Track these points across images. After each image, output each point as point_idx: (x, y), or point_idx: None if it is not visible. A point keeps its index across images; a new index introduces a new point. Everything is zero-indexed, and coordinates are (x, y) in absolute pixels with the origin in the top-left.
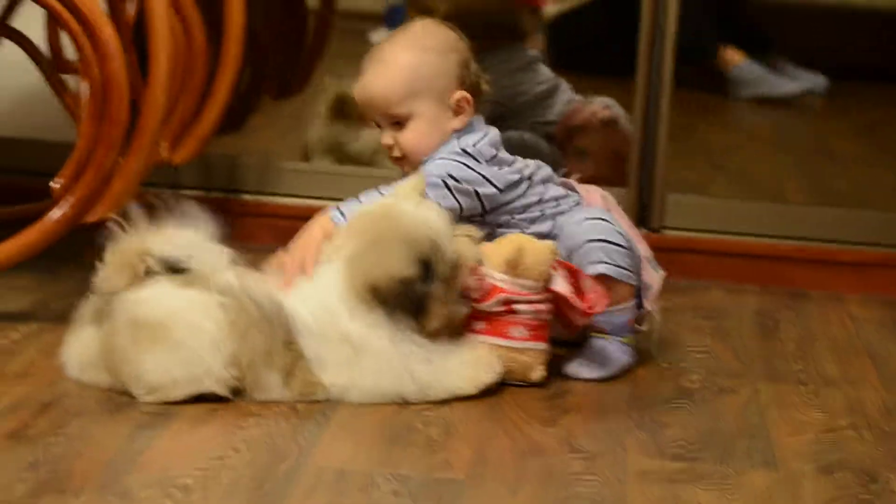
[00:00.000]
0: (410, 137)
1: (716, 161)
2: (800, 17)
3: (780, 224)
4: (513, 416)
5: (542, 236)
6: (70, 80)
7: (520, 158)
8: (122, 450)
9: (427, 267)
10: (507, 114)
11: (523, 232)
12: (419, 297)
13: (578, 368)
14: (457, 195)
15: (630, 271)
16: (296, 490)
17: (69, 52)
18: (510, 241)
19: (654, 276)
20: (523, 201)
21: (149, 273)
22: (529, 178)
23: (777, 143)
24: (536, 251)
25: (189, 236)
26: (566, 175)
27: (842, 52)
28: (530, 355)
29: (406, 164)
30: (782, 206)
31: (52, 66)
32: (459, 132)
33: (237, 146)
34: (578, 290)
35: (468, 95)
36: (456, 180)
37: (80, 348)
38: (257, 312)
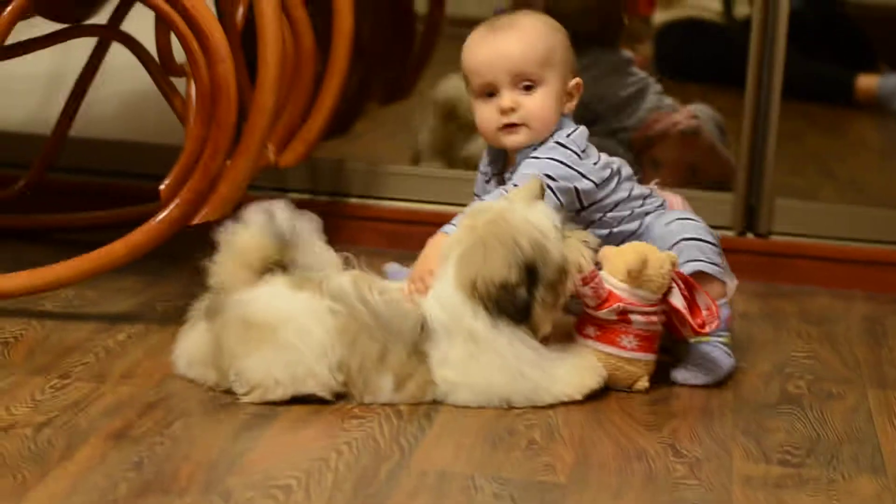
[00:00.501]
0: (539, 102)
1: (826, 168)
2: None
3: (889, 230)
4: (616, 421)
5: (630, 235)
6: (179, 83)
7: (605, 154)
8: (225, 450)
9: (531, 272)
10: (591, 118)
11: (612, 231)
12: (522, 302)
13: (686, 374)
14: (558, 194)
15: (722, 268)
16: (397, 492)
17: (178, 54)
18: (633, 250)
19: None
20: (614, 197)
21: (264, 272)
22: (618, 172)
23: (888, 150)
24: (659, 261)
25: (306, 238)
26: (641, 182)
27: None
28: (637, 365)
29: (518, 133)
30: (891, 212)
31: (161, 69)
32: (558, 124)
33: (344, 150)
34: (693, 304)
35: (580, 83)
36: (554, 179)
37: (190, 345)
38: (371, 319)
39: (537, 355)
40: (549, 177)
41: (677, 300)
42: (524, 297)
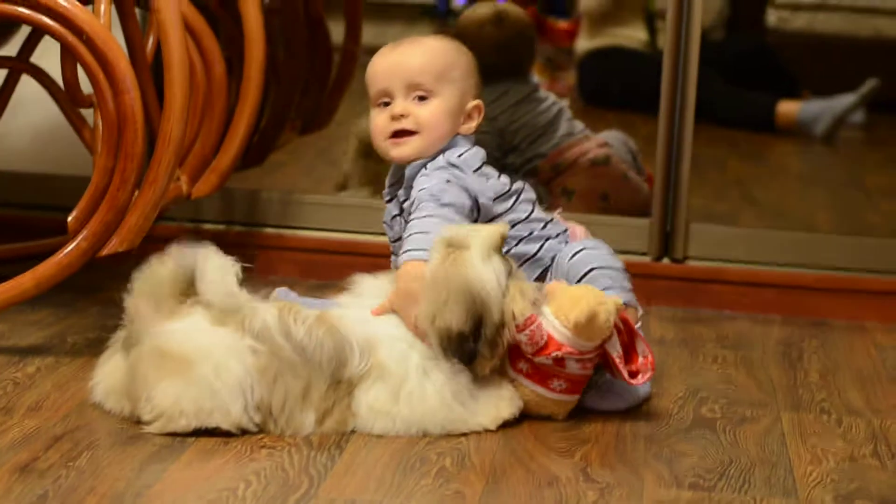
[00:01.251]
0: (430, 112)
1: (747, 194)
2: (827, 49)
3: (805, 253)
4: (528, 447)
5: (531, 257)
6: (88, 114)
7: (505, 175)
8: (132, 482)
9: (478, 327)
10: (508, 147)
11: (509, 249)
12: (470, 353)
13: (600, 401)
14: (445, 215)
15: (629, 287)
16: None
17: (86, 86)
18: (584, 302)
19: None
20: (512, 216)
21: (180, 304)
22: (518, 192)
23: (810, 176)
24: (607, 313)
25: (222, 271)
26: (548, 209)
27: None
28: (560, 405)
29: (405, 145)
30: (806, 236)
31: (68, 100)
32: (445, 148)
33: (262, 181)
34: (631, 351)
35: (481, 106)
36: (440, 201)
37: (107, 374)
38: (295, 356)
39: (463, 387)
40: (435, 198)
41: (614, 349)
42: (472, 349)
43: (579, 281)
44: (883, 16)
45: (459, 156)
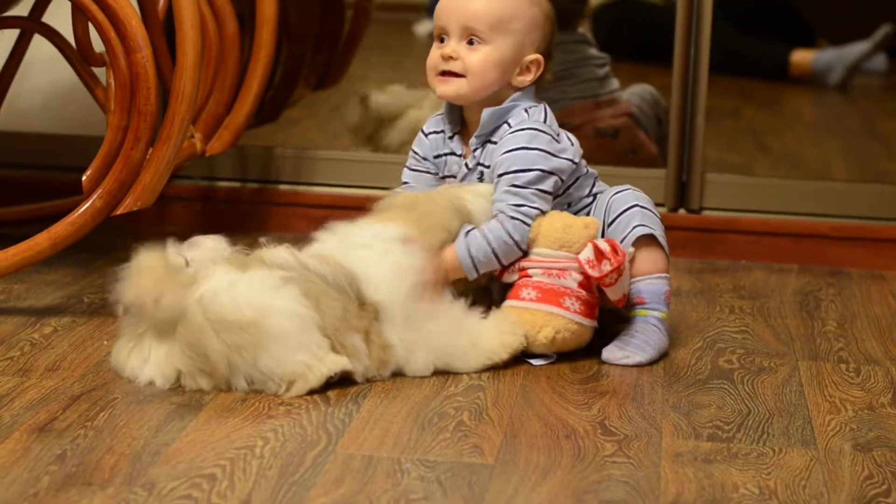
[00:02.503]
0: (479, 59)
1: (761, 143)
2: None
3: (822, 202)
4: (546, 401)
5: (583, 209)
6: (102, 73)
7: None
8: (150, 442)
9: None
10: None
11: (569, 204)
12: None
13: (617, 353)
14: (546, 186)
15: (665, 239)
16: (323, 478)
17: (98, 44)
18: (557, 219)
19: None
20: (577, 173)
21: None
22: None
23: (824, 125)
24: (582, 226)
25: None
26: None
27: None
28: (580, 329)
29: (450, 84)
30: (822, 184)
31: (81, 59)
32: (516, 96)
33: (276, 138)
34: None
35: (541, 61)
36: (548, 172)
37: (156, 367)
38: (321, 281)
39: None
40: (542, 171)
41: (584, 254)
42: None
43: (618, 217)
44: None
45: (544, 120)
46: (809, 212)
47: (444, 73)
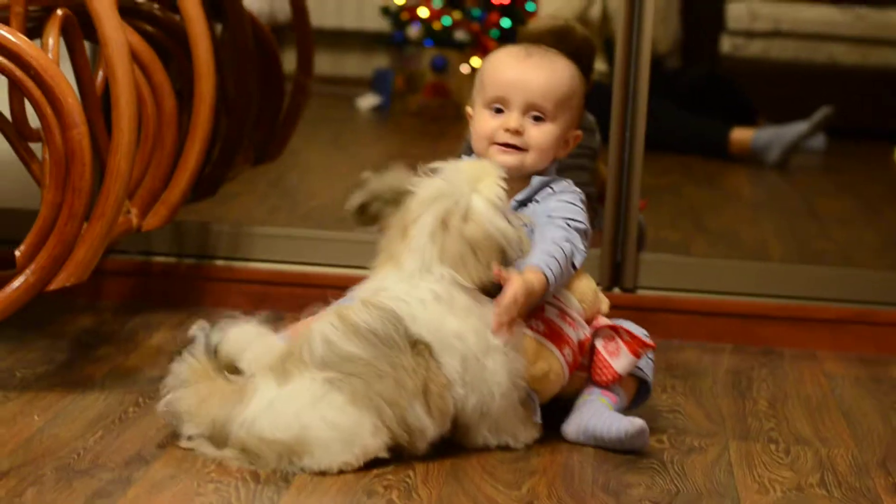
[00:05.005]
0: (542, 135)
1: (699, 222)
2: (783, 76)
3: (756, 282)
4: (475, 479)
5: None
6: (38, 148)
7: None
8: None
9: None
10: None
11: None
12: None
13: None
14: (585, 243)
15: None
16: None
17: (35, 120)
18: (590, 283)
19: None
20: None
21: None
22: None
23: (763, 203)
24: (602, 303)
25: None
26: None
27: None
28: (542, 349)
29: (512, 156)
30: (756, 264)
31: (16, 134)
32: (552, 167)
33: (214, 213)
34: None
35: (580, 136)
36: (582, 224)
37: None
38: (366, 353)
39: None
40: (579, 223)
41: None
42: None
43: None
44: (837, 42)
45: (577, 183)
46: (744, 291)
47: (505, 144)
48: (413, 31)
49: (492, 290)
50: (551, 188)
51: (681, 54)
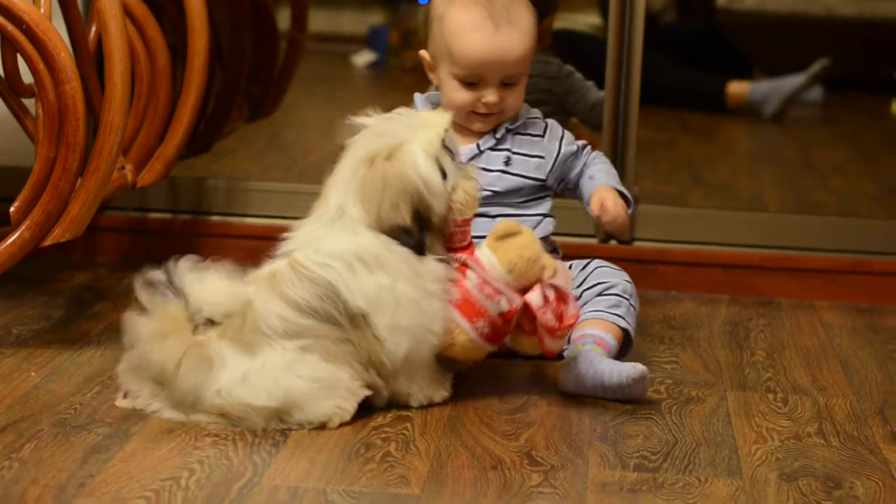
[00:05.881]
0: (516, 97)
1: (696, 174)
2: (779, 29)
3: (752, 233)
4: (473, 431)
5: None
6: (31, 104)
7: None
8: (75, 473)
9: (420, 218)
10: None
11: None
12: (417, 242)
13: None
14: None
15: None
16: None
17: (28, 76)
18: (527, 247)
19: None
20: None
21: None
22: None
23: (759, 156)
24: (539, 268)
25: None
26: None
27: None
28: (471, 348)
29: (489, 122)
30: (753, 215)
31: (10, 90)
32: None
33: (209, 169)
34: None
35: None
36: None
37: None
38: (320, 323)
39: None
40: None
41: (534, 300)
42: (419, 240)
43: (601, 290)
44: None
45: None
46: (740, 242)
47: (482, 114)
48: None
49: (395, 233)
50: (543, 121)
51: (676, 9)
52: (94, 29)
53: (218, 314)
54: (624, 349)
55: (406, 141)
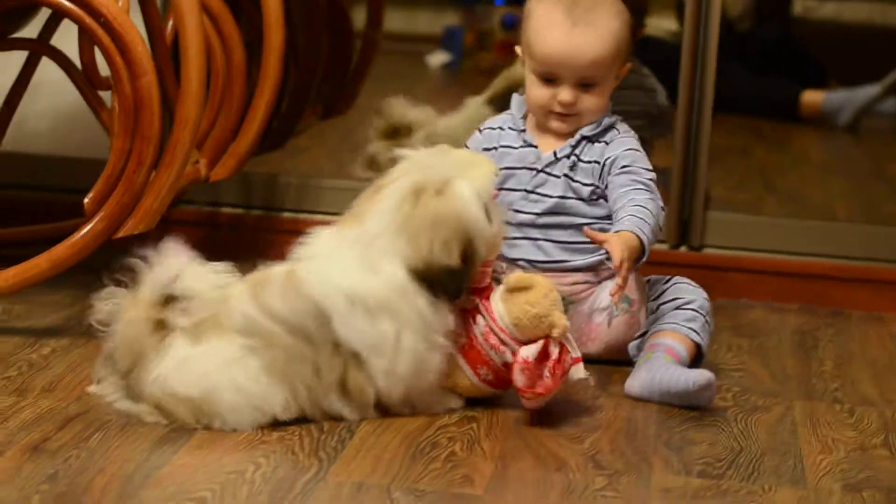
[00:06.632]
0: (595, 101)
1: (769, 183)
2: (855, 38)
3: (824, 242)
4: (539, 434)
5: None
6: (108, 97)
7: None
8: (141, 464)
9: (466, 262)
10: None
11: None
12: (458, 287)
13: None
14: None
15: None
16: None
17: (105, 68)
18: (537, 301)
19: None
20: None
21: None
22: None
23: (833, 166)
24: (550, 327)
25: (181, 265)
26: None
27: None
28: (452, 366)
29: (567, 123)
30: (825, 224)
31: (87, 82)
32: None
33: (283, 166)
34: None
35: (630, 66)
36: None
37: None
38: (286, 334)
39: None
40: (652, 176)
41: (527, 353)
42: (461, 284)
43: (676, 305)
44: None
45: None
46: (812, 252)
47: (560, 114)
48: None
49: (441, 275)
50: (616, 129)
51: (752, 16)
52: (171, 24)
53: (192, 302)
54: (695, 363)
55: (455, 177)
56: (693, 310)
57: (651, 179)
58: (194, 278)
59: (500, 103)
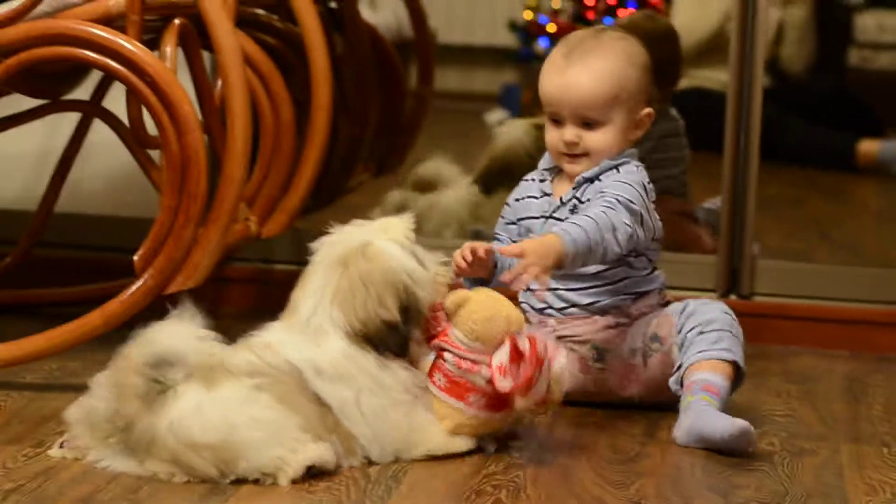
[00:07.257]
0: (600, 140)
1: (823, 232)
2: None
3: (871, 289)
4: (584, 480)
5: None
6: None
7: None
8: None
9: (406, 311)
10: None
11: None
12: (403, 340)
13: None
14: (639, 227)
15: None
16: None
17: (152, 127)
18: (481, 307)
19: None
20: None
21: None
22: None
23: (888, 215)
24: (508, 324)
25: (176, 331)
26: None
27: None
28: (484, 422)
29: (579, 163)
30: (872, 271)
31: (136, 141)
32: (631, 152)
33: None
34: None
35: (653, 114)
36: (634, 203)
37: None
38: (289, 378)
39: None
40: (642, 214)
41: (498, 358)
42: (405, 337)
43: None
44: None
45: (649, 182)
46: (860, 298)
47: (568, 155)
48: (541, 46)
49: (381, 332)
50: (617, 169)
51: (809, 67)
52: (219, 83)
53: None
54: (736, 383)
55: (372, 240)
56: (716, 330)
57: (620, 198)
58: (181, 340)
59: (486, 181)
